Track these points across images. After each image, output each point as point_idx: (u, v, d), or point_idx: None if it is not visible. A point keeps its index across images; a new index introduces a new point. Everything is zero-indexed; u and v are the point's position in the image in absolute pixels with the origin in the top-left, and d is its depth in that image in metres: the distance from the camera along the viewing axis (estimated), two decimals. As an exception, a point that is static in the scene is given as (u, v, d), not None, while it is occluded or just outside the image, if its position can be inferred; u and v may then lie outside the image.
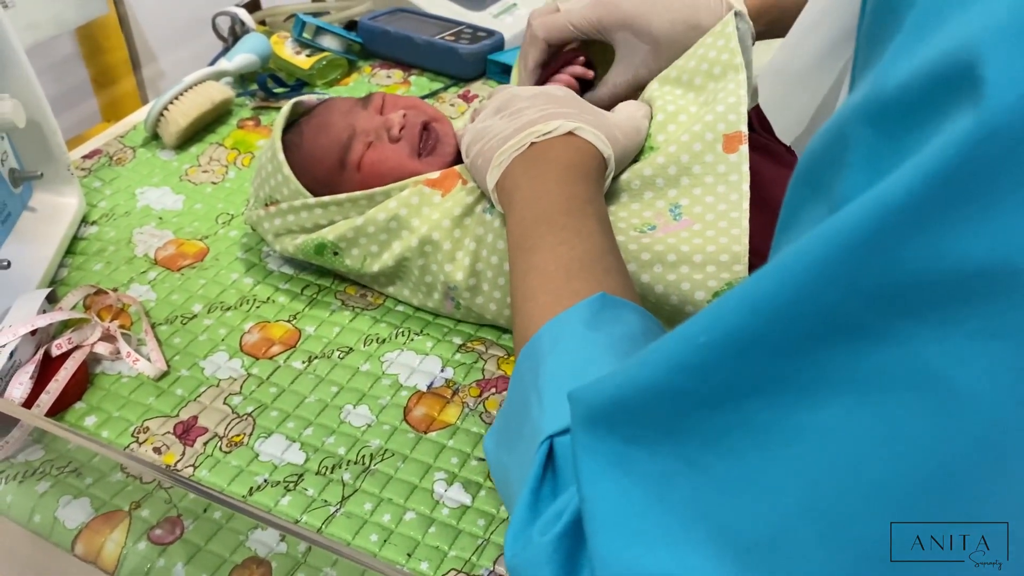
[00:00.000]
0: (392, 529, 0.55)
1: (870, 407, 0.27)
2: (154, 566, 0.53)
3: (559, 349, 0.46)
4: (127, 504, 0.57)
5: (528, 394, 0.45)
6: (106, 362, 0.67)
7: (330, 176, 0.72)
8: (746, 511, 0.31)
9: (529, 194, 0.58)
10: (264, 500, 0.57)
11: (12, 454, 0.60)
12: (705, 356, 0.30)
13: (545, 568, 0.37)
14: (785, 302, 0.28)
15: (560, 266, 0.52)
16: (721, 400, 0.31)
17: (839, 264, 0.26)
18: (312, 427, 0.62)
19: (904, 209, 0.24)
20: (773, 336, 0.28)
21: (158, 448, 0.61)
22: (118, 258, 0.79)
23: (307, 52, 1.07)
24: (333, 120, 0.74)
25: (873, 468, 0.27)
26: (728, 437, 0.31)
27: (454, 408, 0.63)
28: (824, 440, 0.28)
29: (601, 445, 0.36)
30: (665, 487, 0.33)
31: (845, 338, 0.27)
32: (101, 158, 0.93)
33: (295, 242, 0.72)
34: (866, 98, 0.27)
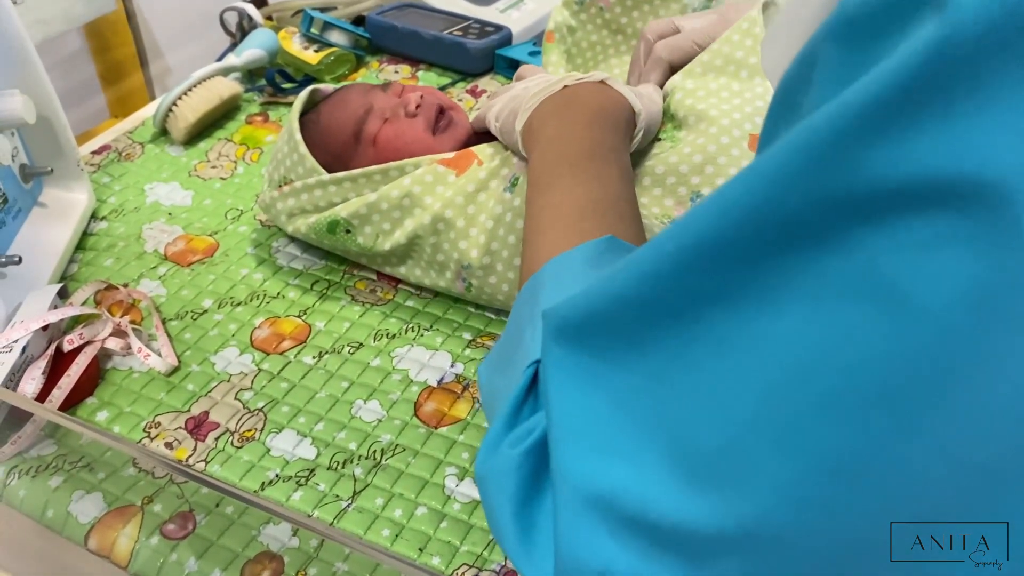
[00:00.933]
0: (404, 524, 0.55)
1: (825, 315, 0.27)
2: (167, 561, 0.53)
3: (558, 283, 0.46)
4: (140, 499, 0.57)
5: (523, 323, 0.46)
6: (117, 357, 0.68)
7: (345, 149, 0.73)
8: (702, 423, 0.31)
9: (555, 134, 0.58)
10: (276, 495, 0.57)
11: (25, 449, 0.60)
12: (673, 263, 0.31)
13: (510, 478, 0.37)
14: (749, 207, 0.28)
15: (575, 206, 0.53)
16: (685, 309, 0.31)
17: (800, 170, 0.26)
18: (323, 422, 0.62)
19: (863, 115, 0.24)
20: (737, 242, 0.28)
21: (170, 443, 0.61)
22: (128, 254, 0.79)
23: (315, 47, 1.07)
24: (351, 97, 0.75)
25: (826, 377, 0.27)
26: (689, 349, 0.31)
27: (464, 403, 0.64)
28: (779, 348, 0.28)
29: (570, 358, 0.36)
30: (629, 399, 0.33)
31: (804, 245, 0.27)
32: (110, 154, 0.93)
33: (308, 221, 0.72)
34: (834, 16, 0.27)
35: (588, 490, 0.33)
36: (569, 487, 0.34)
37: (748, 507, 0.29)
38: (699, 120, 0.66)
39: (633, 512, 0.32)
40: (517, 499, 0.37)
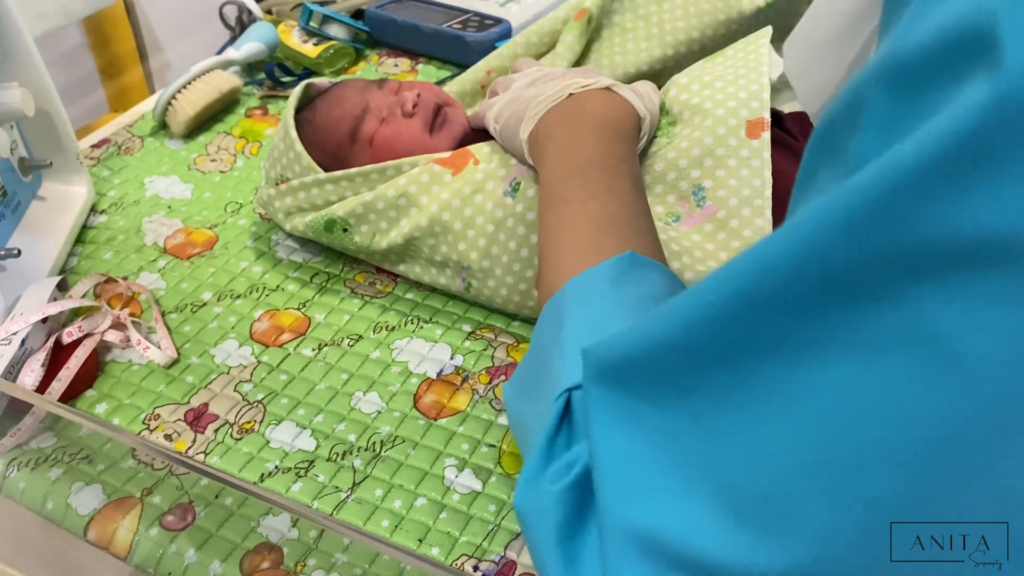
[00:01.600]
0: (403, 515, 0.55)
1: (874, 368, 0.27)
2: (166, 552, 0.53)
3: (583, 304, 0.46)
4: (139, 490, 0.57)
5: (550, 346, 0.46)
6: (116, 350, 0.68)
7: (341, 149, 0.73)
8: (749, 468, 0.31)
9: (563, 146, 0.58)
10: (275, 487, 0.57)
11: (24, 441, 0.60)
12: (716, 312, 0.31)
13: (551, 515, 0.37)
14: (796, 261, 0.28)
15: (590, 221, 0.52)
16: (729, 357, 0.31)
17: (850, 225, 0.26)
18: (322, 414, 0.62)
19: (915, 174, 0.24)
20: (783, 294, 0.28)
21: (169, 435, 0.61)
22: (128, 247, 0.79)
23: (314, 41, 1.07)
24: (347, 95, 0.75)
25: (876, 428, 0.27)
26: (735, 394, 0.31)
27: (464, 395, 0.64)
28: (826, 399, 0.28)
29: (612, 399, 0.36)
30: (672, 442, 0.34)
31: (853, 299, 0.27)
32: (110, 147, 0.93)
33: (305, 220, 0.72)
34: (882, 60, 0.27)
35: (634, 530, 0.34)
36: (615, 527, 0.34)
37: (796, 551, 0.30)
38: (694, 113, 0.65)
39: (679, 552, 0.32)
40: (560, 535, 0.37)
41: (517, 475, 0.57)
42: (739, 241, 0.61)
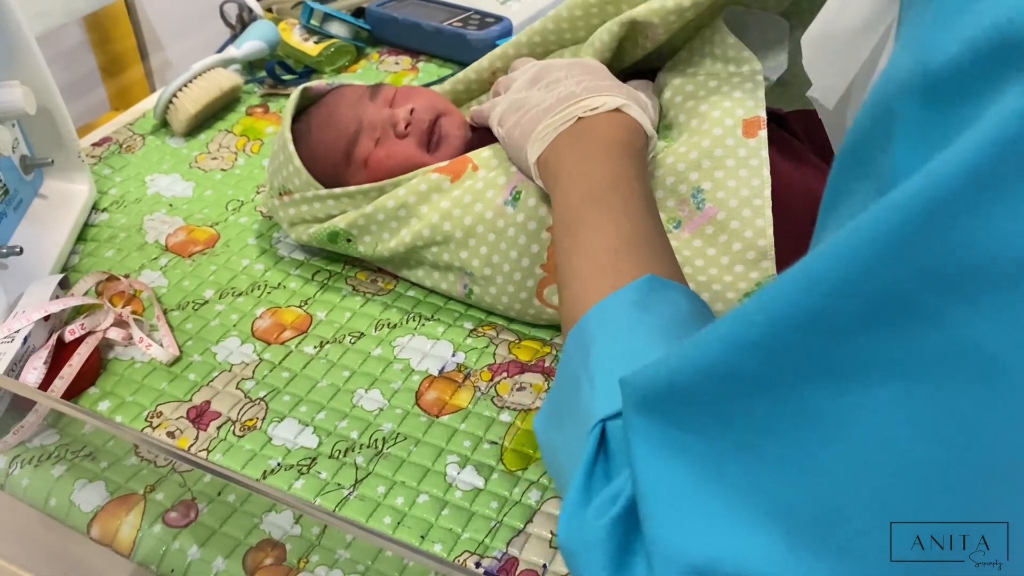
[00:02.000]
0: (405, 512, 0.55)
1: (923, 390, 0.27)
2: (169, 548, 0.53)
3: (608, 331, 0.46)
4: (142, 487, 0.57)
5: (578, 376, 0.45)
6: (119, 348, 0.68)
7: (337, 169, 0.72)
8: (799, 492, 0.31)
9: (575, 171, 0.57)
10: (278, 483, 0.57)
11: (27, 438, 0.60)
12: (760, 335, 0.30)
13: (598, 551, 0.37)
14: (840, 281, 0.27)
15: (607, 246, 0.52)
16: (775, 382, 0.30)
17: (893, 243, 0.26)
18: (325, 411, 0.62)
19: (956, 186, 0.24)
20: (828, 316, 0.28)
21: (171, 432, 0.61)
22: (129, 245, 0.79)
23: (315, 39, 1.07)
24: (340, 113, 0.73)
25: (927, 450, 0.27)
26: (782, 420, 0.31)
27: (466, 392, 0.64)
28: (878, 422, 0.28)
29: (653, 429, 0.36)
30: (718, 469, 0.33)
31: (899, 319, 0.27)
32: (111, 146, 0.93)
33: (309, 231, 0.73)
34: (913, 72, 0.27)
35: (687, 561, 0.33)
36: (667, 559, 0.34)
37: (853, 571, 0.30)
38: (690, 116, 0.65)
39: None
40: (610, 570, 0.37)
41: (518, 471, 0.57)
42: (740, 243, 0.61)
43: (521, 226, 0.64)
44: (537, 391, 0.63)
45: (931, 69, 0.26)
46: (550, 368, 0.65)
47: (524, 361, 0.66)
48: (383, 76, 1.06)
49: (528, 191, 0.64)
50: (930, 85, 0.26)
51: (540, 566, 0.52)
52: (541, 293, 0.65)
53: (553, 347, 0.68)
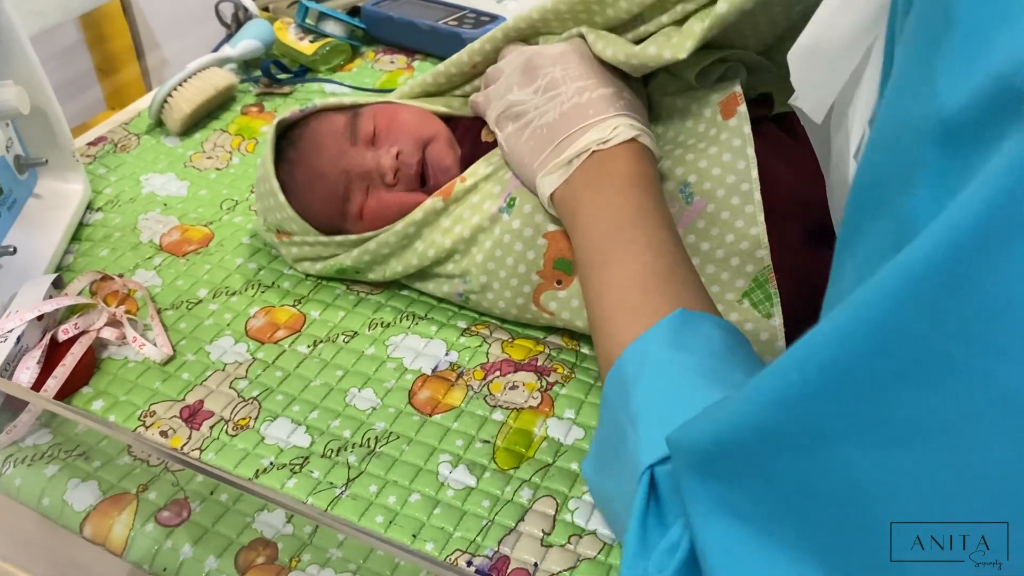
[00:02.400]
0: (397, 511, 0.55)
1: (963, 443, 0.27)
2: (162, 547, 0.53)
3: (646, 374, 0.47)
4: (135, 487, 0.57)
5: (621, 422, 0.46)
6: (112, 347, 0.68)
7: (333, 222, 0.71)
8: (854, 549, 0.31)
9: (593, 208, 0.57)
10: (270, 483, 0.57)
11: (20, 438, 0.60)
12: (798, 394, 0.30)
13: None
14: (870, 338, 0.27)
15: (635, 282, 0.52)
16: (814, 440, 0.30)
17: (917, 297, 0.26)
18: (317, 410, 0.63)
19: (968, 237, 0.24)
20: (861, 373, 0.28)
21: (165, 432, 0.61)
22: (123, 244, 0.79)
23: (310, 38, 1.07)
24: (325, 168, 0.70)
25: (979, 497, 0.27)
26: (823, 477, 0.31)
27: (459, 391, 0.64)
28: (920, 480, 0.28)
29: (705, 488, 0.36)
30: (771, 527, 0.34)
31: (932, 373, 0.27)
32: (106, 145, 0.93)
33: (315, 267, 0.73)
34: (928, 118, 0.27)
35: None
36: None
37: None
38: (671, 111, 0.65)
39: None
40: None
41: (510, 470, 0.58)
42: (733, 234, 0.60)
43: (517, 232, 0.64)
44: (530, 390, 0.63)
45: (945, 116, 0.27)
46: (543, 367, 0.66)
47: (517, 360, 0.66)
48: (378, 75, 1.06)
49: (523, 197, 0.64)
50: (946, 132, 0.27)
51: (531, 564, 0.52)
52: (538, 299, 0.65)
53: (546, 346, 0.68)
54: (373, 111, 0.72)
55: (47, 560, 0.65)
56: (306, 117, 0.75)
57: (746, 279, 0.61)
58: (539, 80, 0.63)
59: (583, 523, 0.54)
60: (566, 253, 0.63)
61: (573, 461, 0.58)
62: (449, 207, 0.67)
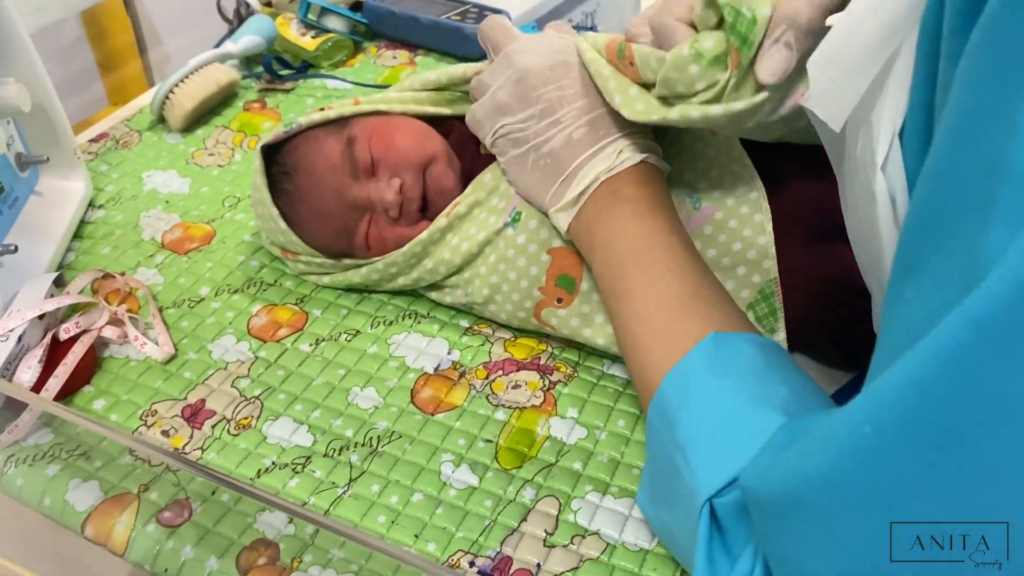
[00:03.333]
0: (400, 511, 0.55)
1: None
2: (163, 548, 0.53)
3: (689, 403, 0.47)
4: (136, 487, 0.57)
5: (671, 454, 0.46)
6: (114, 346, 0.68)
7: (341, 251, 0.71)
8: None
9: (607, 238, 0.56)
10: (272, 482, 0.57)
11: (22, 438, 0.60)
12: (871, 446, 0.30)
13: None
14: (948, 387, 0.27)
15: (661, 308, 0.52)
16: (888, 492, 0.30)
17: (995, 340, 0.26)
18: (320, 409, 0.62)
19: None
20: (938, 424, 0.28)
21: (166, 431, 0.61)
22: (125, 242, 0.79)
23: (312, 33, 1.06)
24: (328, 207, 0.69)
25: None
26: (898, 531, 0.31)
27: (461, 390, 0.63)
28: (1006, 517, 0.28)
29: (780, 535, 0.37)
30: (855, 569, 0.33)
31: (1012, 420, 0.26)
32: (107, 142, 0.93)
33: (323, 281, 0.72)
34: (1006, 155, 0.27)
35: None
36: None
37: None
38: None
39: None
40: None
41: (513, 470, 0.57)
42: (740, 243, 0.60)
43: (521, 248, 0.63)
44: (532, 388, 0.63)
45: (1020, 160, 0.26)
46: (545, 365, 0.65)
47: (519, 359, 0.66)
48: (381, 70, 1.05)
49: (528, 212, 0.63)
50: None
51: (534, 565, 0.52)
52: (539, 314, 0.65)
53: (549, 344, 0.67)
54: (367, 135, 0.69)
55: (51, 559, 0.65)
56: (293, 139, 0.72)
57: (752, 290, 0.60)
58: (535, 105, 0.60)
59: (586, 523, 0.54)
60: (569, 270, 0.62)
61: (576, 460, 0.58)
62: (454, 223, 0.66)
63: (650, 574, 0.51)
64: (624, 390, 0.63)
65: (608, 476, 0.57)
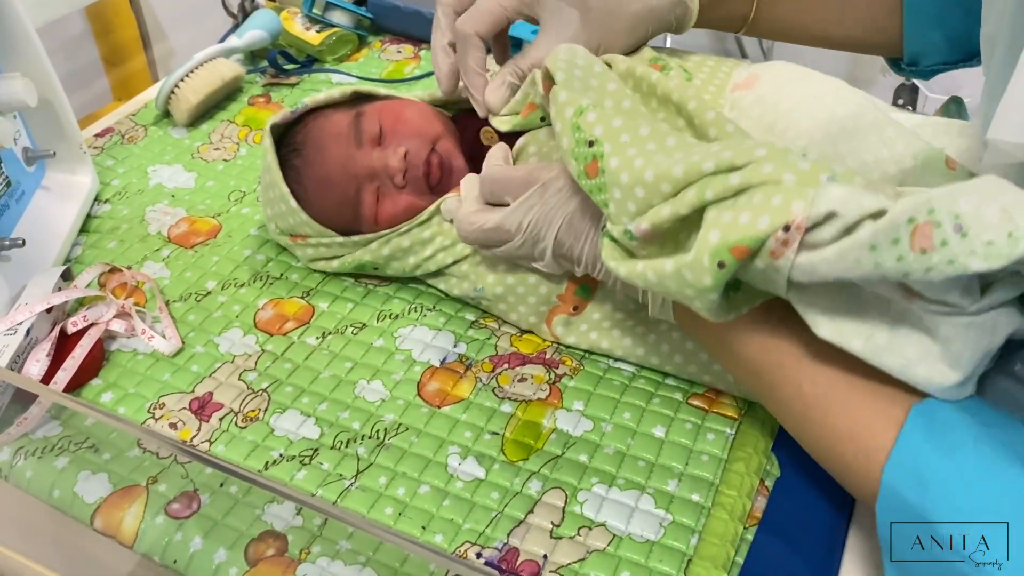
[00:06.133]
0: (407, 503, 0.56)
1: None
2: (172, 539, 0.54)
3: (933, 496, 0.36)
4: (144, 479, 0.57)
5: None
6: (121, 339, 0.68)
7: (349, 225, 0.70)
8: None
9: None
10: (279, 475, 0.58)
11: (31, 430, 0.60)
12: None
13: None
14: None
15: (802, 402, 0.47)
16: None
17: None
18: (327, 402, 0.63)
19: None
20: None
21: (174, 424, 0.61)
22: (132, 236, 0.79)
23: (317, 28, 1.06)
24: (334, 175, 0.69)
25: None
26: None
27: (467, 383, 0.64)
28: None
29: None
30: None
31: None
32: (113, 136, 0.93)
33: (332, 264, 0.72)
34: None
35: None
36: None
37: None
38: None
39: None
40: None
41: (519, 462, 0.58)
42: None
43: None
44: (538, 382, 0.63)
45: None
46: (552, 359, 0.65)
47: (526, 353, 0.66)
48: (385, 65, 1.05)
49: None
50: None
51: (541, 556, 0.52)
52: (551, 320, 0.65)
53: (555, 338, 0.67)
54: (377, 109, 0.71)
55: (60, 551, 0.65)
56: (302, 119, 0.73)
57: None
58: (515, 232, 0.58)
59: (592, 515, 0.54)
60: (591, 280, 0.62)
61: (582, 453, 0.58)
62: None
63: (656, 565, 0.51)
64: (630, 383, 0.63)
65: (614, 468, 0.57)
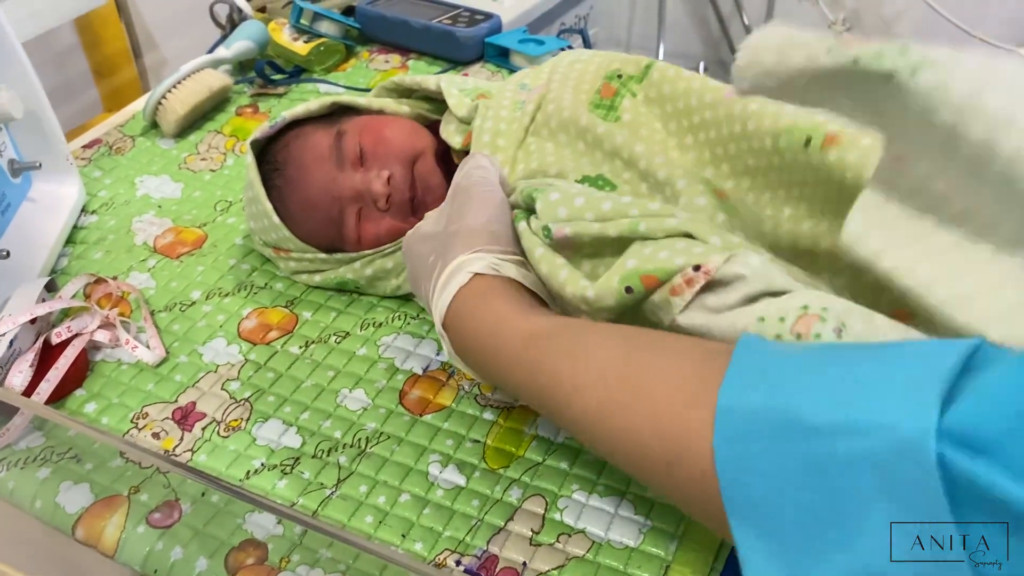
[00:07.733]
0: (387, 511, 0.56)
1: None
2: (153, 549, 0.54)
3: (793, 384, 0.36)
4: (126, 489, 0.57)
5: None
6: (106, 349, 0.68)
7: (332, 244, 0.71)
8: None
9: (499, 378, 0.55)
10: (261, 483, 0.58)
11: (13, 441, 0.60)
12: None
13: None
14: None
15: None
16: None
17: None
18: (309, 411, 0.63)
19: None
20: None
21: (157, 433, 0.61)
22: (118, 247, 0.79)
23: (305, 38, 1.07)
24: (317, 198, 0.69)
25: None
26: None
27: (449, 391, 0.64)
28: None
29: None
30: None
31: None
32: (101, 147, 0.94)
33: (314, 279, 0.72)
34: None
35: None
36: None
37: None
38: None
39: None
40: None
41: (500, 469, 0.58)
42: None
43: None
44: (520, 389, 0.64)
45: None
46: (534, 366, 0.66)
47: (508, 359, 0.66)
48: (373, 75, 1.06)
49: None
50: None
51: (520, 564, 0.52)
52: None
53: (537, 345, 0.68)
54: (358, 128, 0.70)
55: (45, 561, 0.65)
56: (282, 135, 0.73)
57: None
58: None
59: (572, 522, 0.54)
60: None
61: (563, 460, 0.58)
62: None
63: (635, 572, 0.51)
64: (611, 390, 0.63)
65: (595, 475, 0.57)
